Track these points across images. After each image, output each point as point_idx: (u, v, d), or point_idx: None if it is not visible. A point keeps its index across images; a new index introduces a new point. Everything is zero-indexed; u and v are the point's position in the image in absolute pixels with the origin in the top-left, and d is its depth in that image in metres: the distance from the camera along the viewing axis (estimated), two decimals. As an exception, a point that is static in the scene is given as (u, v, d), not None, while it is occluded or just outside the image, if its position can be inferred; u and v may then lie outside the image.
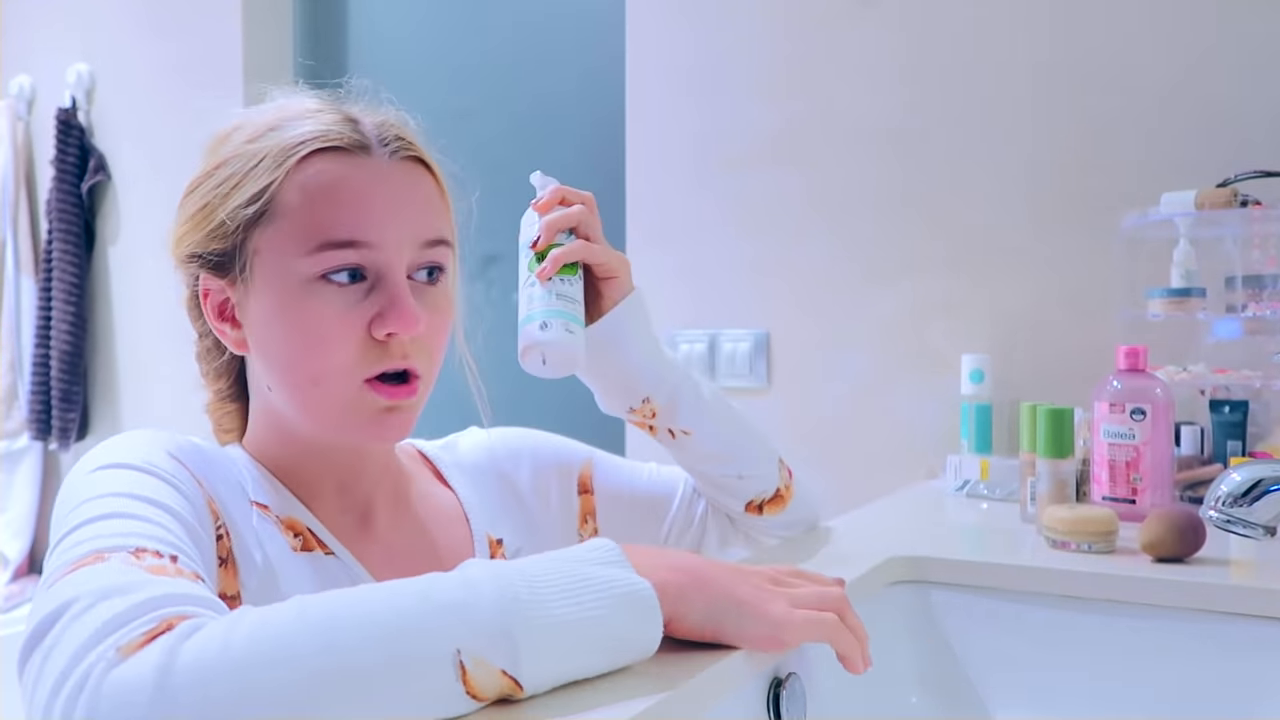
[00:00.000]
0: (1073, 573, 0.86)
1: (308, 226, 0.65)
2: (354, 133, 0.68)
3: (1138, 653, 0.83)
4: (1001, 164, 1.56)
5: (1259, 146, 1.35)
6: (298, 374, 0.67)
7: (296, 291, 0.65)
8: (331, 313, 0.65)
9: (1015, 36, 1.55)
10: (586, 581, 0.52)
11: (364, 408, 0.67)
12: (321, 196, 0.65)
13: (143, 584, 0.48)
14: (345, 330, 0.66)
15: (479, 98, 2.14)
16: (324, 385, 0.66)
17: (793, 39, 1.72)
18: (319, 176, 0.66)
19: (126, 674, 0.43)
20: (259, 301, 0.67)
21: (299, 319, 0.65)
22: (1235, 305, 1.27)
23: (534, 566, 0.52)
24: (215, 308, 0.70)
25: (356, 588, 0.49)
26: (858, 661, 0.60)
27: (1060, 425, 1.02)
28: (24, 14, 2.69)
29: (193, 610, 0.47)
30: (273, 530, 0.69)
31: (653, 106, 1.84)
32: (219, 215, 0.67)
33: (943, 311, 1.59)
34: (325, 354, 0.65)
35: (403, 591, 0.48)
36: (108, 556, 0.51)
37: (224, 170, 0.68)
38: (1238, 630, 0.80)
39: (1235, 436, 1.23)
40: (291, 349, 0.66)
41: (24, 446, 2.61)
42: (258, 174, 0.66)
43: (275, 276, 0.66)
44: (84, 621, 0.45)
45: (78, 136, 2.51)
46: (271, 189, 0.65)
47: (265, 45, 2.37)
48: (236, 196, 0.66)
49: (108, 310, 2.54)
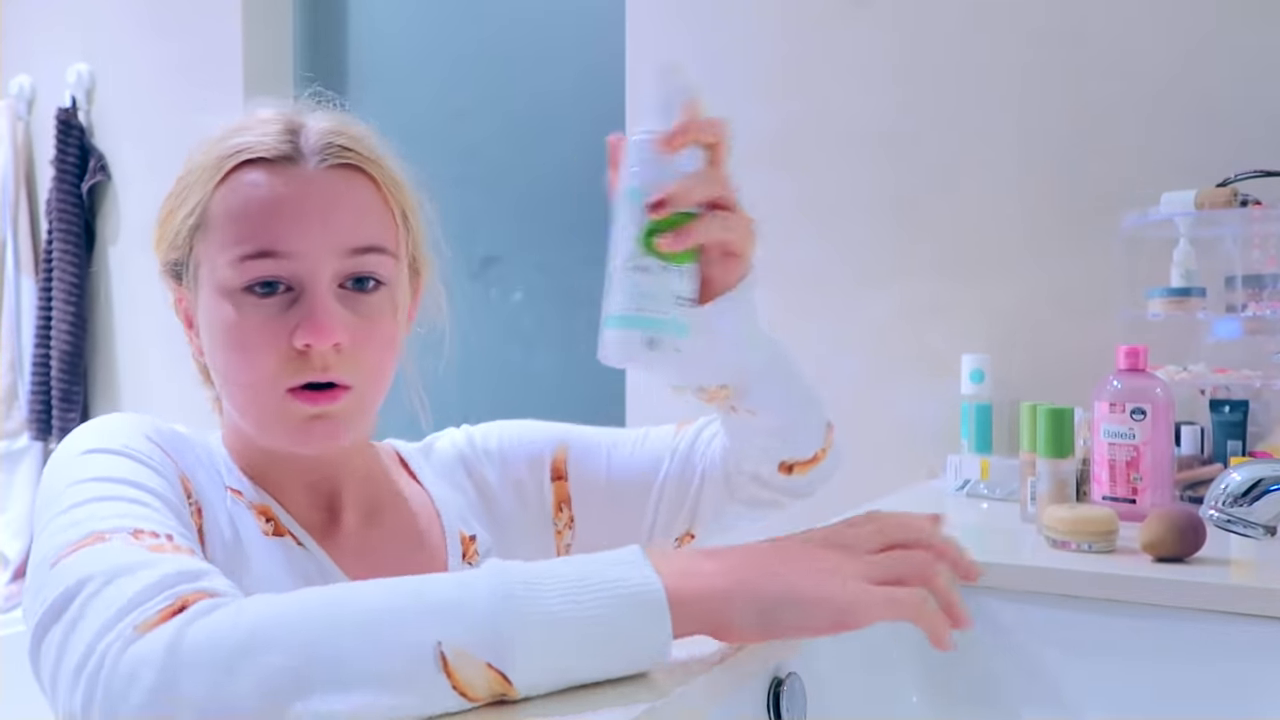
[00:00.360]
0: (1073, 572, 0.86)
1: (229, 238, 0.66)
2: (284, 143, 0.68)
3: (1138, 653, 0.83)
4: (1000, 164, 1.56)
5: (1259, 146, 1.35)
6: (231, 382, 0.69)
7: (224, 302, 0.67)
8: (253, 324, 0.66)
9: (1012, 36, 1.55)
10: (591, 580, 0.49)
11: (289, 416, 0.68)
12: (240, 208, 0.66)
13: (151, 562, 0.50)
14: (266, 341, 0.66)
15: (478, 97, 2.15)
16: (252, 393, 0.68)
17: (788, 40, 1.71)
18: (241, 189, 0.67)
19: (139, 650, 0.45)
20: (201, 310, 0.70)
21: (227, 329, 0.67)
22: (1235, 305, 1.27)
23: (541, 565, 0.51)
24: (183, 315, 0.74)
25: (363, 582, 0.50)
26: (944, 639, 0.53)
27: (1060, 425, 1.02)
28: (24, 14, 2.69)
29: (207, 586, 0.49)
30: (245, 514, 0.70)
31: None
32: (173, 224, 0.70)
33: (942, 312, 1.59)
34: (249, 364, 0.66)
35: (399, 587, 0.49)
36: (108, 538, 0.53)
37: (181, 182, 0.71)
38: (1238, 630, 0.80)
39: (1235, 436, 1.23)
40: (224, 357, 0.68)
41: (24, 446, 2.61)
42: (196, 186, 0.69)
43: (209, 287, 0.68)
44: (103, 599, 0.48)
45: (78, 136, 2.51)
46: (203, 200, 0.68)
47: (265, 45, 2.37)
48: (182, 208, 0.69)
49: (108, 310, 2.54)
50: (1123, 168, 1.46)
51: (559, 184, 2.06)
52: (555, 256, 2.07)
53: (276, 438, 0.69)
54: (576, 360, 2.05)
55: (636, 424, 0.87)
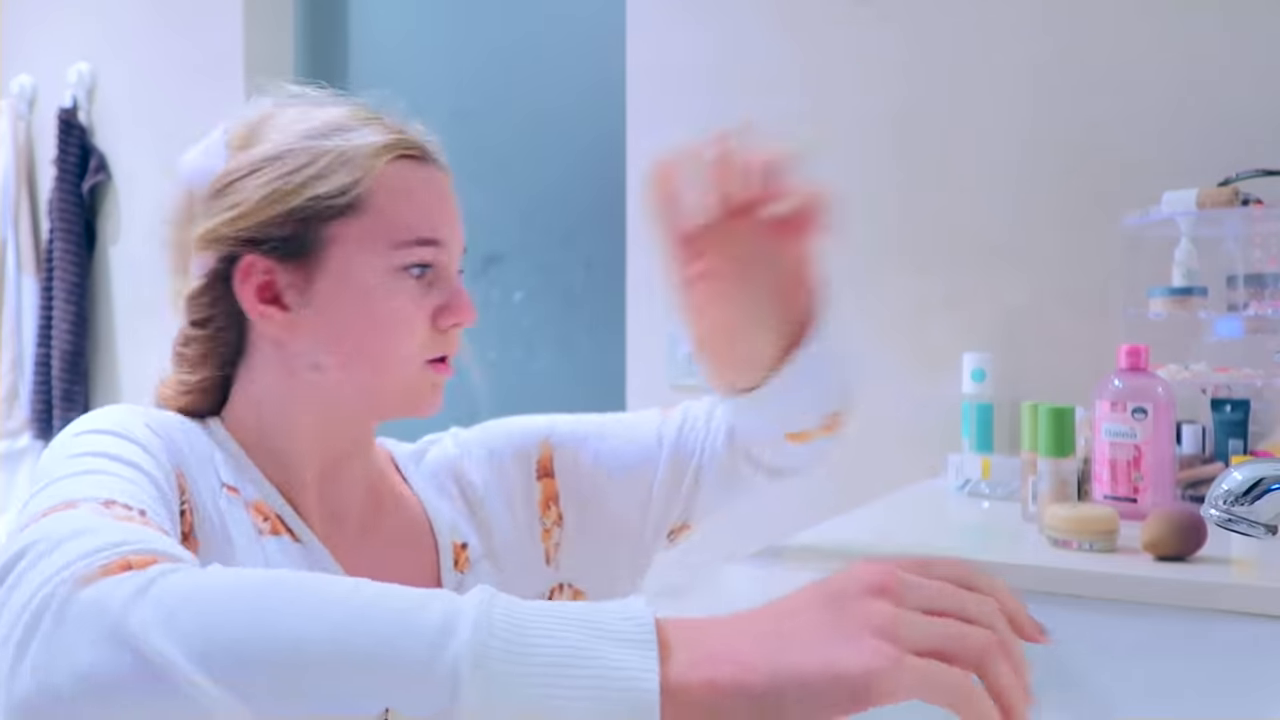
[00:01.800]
0: (1074, 572, 0.86)
1: (394, 224, 0.71)
2: (426, 141, 0.75)
3: (1138, 652, 0.83)
4: (1002, 163, 1.56)
5: (1260, 145, 1.35)
6: (367, 354, 0.73)
7: (376, 282, 0.71)
8: (406, 302, 0.72)
9: (1017, 33, 1.55)
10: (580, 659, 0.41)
11: (424, 384, 0.75)
12: (406, 198, 0.72)
13: (108, 529, 0.49)
14: (418, 317, 0.73)
15: (478, 98, 2.15)
16: (397, 364, 0.73)
17: (792, 37, 1.71)
18: (403, 179, 0.72)
19: (96, 593, 0.43)
20: (326, 286, 0.71)
21: (377, 306, 0.71)
22: (1237, 304, 1.27)
23: (529, 629, 0.42)
24: (257, 289, 0.71)
25: (352, 586, 0.45)
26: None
27: (1061, 424, 1.02)
28: (25, 14, 2.69)
29: (162, 554, 0.48)
30: (239, 512, 0.70)
31: (652, 106, 1.84)
32: (291, 202, 0.70)
33: (944, 311, 1.59)
34: (398, 339, 0.72)
35: (367, 625, 0.43)
36: (78, 505, 0.53)
37: (291, 159, 0.71)
38: (1239, 629, 0.80)
39: (1237, 435, 1.23)
40: (365, 332, 0.72)
41: (25, 446, 2.61)
42: (342, 169, 0.71)
43: (354, 266, 0.71)
44: (48, 559, 0.46)
45: (79, 136, 2.51)
46: (360, 185, 0.71)
47: (266, 45, 2.37)
48: (317, 186, 0.70)
49: (109, 309, 2.54)
50: (1124, 167, 1.46)
51: (560, 184, 2.06)
52: (556, 257, 2.07)
53: (406, 405, 0.75)
54: (576, 360, 2.05)
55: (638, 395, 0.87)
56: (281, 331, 0.72)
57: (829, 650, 0.41)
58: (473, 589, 0.45)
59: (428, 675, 0.41)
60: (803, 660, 0.40)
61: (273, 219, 0.70)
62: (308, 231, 0.70)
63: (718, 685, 0.40)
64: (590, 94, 2.00)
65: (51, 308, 2.51)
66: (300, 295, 0.71)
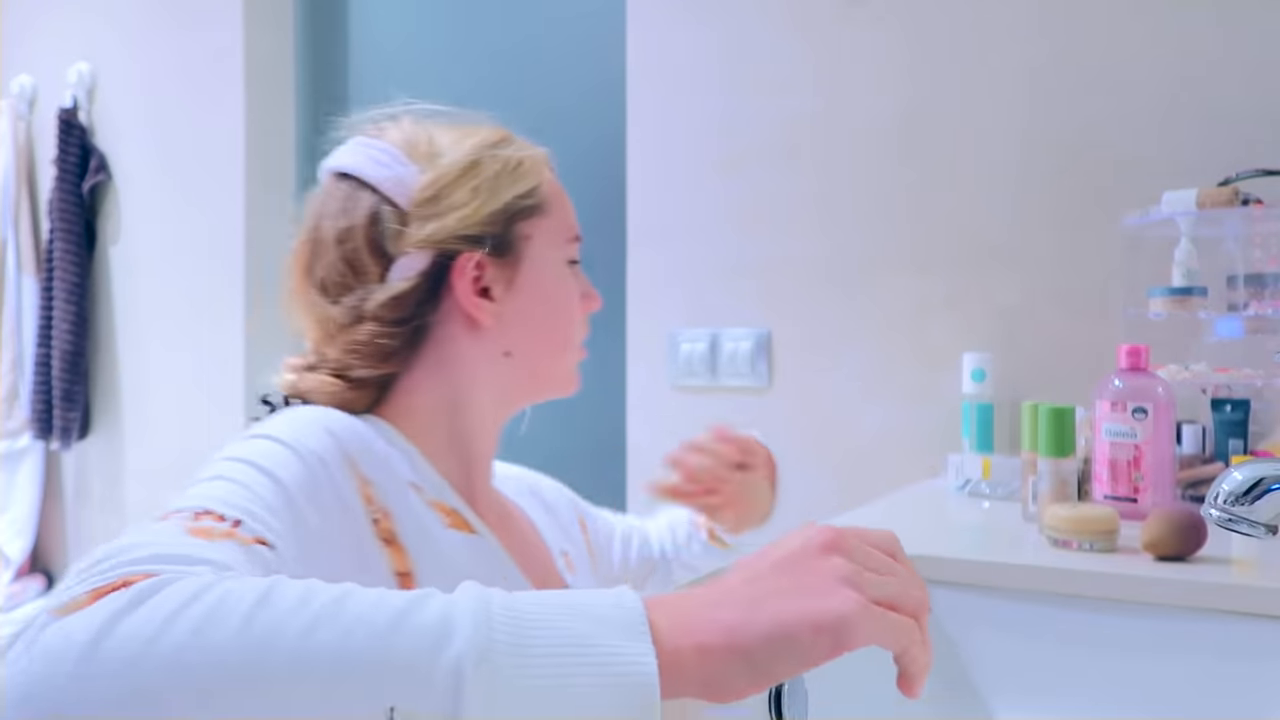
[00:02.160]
0: (1074, 572, 0.86)
1: (563, 221, 0.84)
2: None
3: (1138, 652, 0.83)
4: (1001, 162, 1.56)
5: (1260, 145, 1.35)
6: (553, 339, 0.83)
7: (558, 272, 0.83)
8: (574, 290, 0.84)
9: (1015, 33, 1.55)
10: (584, 645, 0.43)
11: (575, 366, 0.86)
12: (562, 200, 0.85)
13: (144, 544, 0.48)
14: (577, 305, 0.84)
15: (479, 98, 2.13)
16: (566, 348, 0.84)
17: (793, 37, 1.71)
18: (556, 185, 0.85)
19: (65, 628, 0.42)
20: (524, 278, 0.80)
21: (559, 295, 0.83)
22: (1237, 304, 1.27)
23: (533, 616, 0.44)
24: (474, 284, 0.78)
25: (343, 592, 0.44)
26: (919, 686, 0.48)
27: (1061, 424, 1.02)
28: (26, 14, 2.69)
29: (175, 570, 0.46)
30: (426, 510, 0.73)
31: (653, 106, 1.84)
32: (495, 204, 0.78)
33: (944, 310, 1.59)
34: (571, 323, 0.84)
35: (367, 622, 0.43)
36: (170, 517, 0.54)
37: (487, 167, 0.79)
38: (1239, 629, 0.80)
39: (1237, 435, 1.23)
40: (551, 318, 0.82)
41: (25, 446, 2.61)
42: (525, 175, 0.81)
43: (543, 259, 0.81)
44: (77, 574, 0.46)
45: (79, 136, 2.51)
46: (540, 188, 0.81)
47: (266, 46, 2.37)
48: (514, 188, 0.79)
49: (109, 310, 2.54)
50: (1124, 167, 1.46)
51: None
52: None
53: (564, 384, 0.86)
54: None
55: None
56: (489, 319, 0.78)
57: (806, 602, 0.44)
58: (461, 585, 0.45)
59: (430, 674, 0.41)
60: (785, 614, 0.44)
61: (488, 218, 0.78)
62: (509, 230, 0.79)
63: (710, 650, 0.43)
64: (590, 94, 2.00)
65: (51, 308, 2.51)
66: (505, 288, 0.79)
